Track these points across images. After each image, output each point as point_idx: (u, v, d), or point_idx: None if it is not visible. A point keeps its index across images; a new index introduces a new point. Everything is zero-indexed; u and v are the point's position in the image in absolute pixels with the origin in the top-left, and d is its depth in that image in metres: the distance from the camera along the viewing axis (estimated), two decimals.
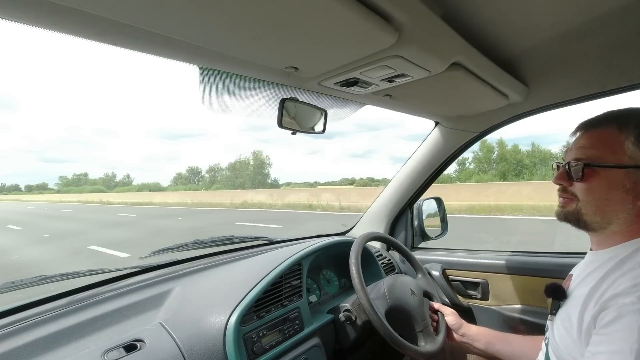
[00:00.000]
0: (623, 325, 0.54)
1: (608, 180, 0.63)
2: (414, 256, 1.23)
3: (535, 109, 1.19)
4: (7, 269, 5.75)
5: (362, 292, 0.97)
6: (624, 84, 1.00)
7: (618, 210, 0.63)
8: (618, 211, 0.63)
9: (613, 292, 0.57)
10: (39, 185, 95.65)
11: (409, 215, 1.66)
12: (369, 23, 0.58)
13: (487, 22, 0.78)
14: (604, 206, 0.64)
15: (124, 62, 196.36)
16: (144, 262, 1.12)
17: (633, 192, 0.61)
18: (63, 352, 0.72)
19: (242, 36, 0.61)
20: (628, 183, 0.61)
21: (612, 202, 0.63)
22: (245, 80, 0.87)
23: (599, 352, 0.56)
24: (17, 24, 0.52)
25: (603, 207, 0.64)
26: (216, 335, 0.83)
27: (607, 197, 0.63)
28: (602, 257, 0.65)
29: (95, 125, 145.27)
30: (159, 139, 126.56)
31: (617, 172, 0.62)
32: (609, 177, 0.62)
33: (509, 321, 1.34)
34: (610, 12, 0.74)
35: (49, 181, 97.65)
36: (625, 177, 0.61)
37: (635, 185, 0.61)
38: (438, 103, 1.17)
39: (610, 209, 0.63)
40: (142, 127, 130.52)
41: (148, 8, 0.51)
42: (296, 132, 0.98)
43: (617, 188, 0.62)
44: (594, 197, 0.65)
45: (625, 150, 0.61)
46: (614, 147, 0.62)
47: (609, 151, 0.62)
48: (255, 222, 10.91)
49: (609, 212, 0.64)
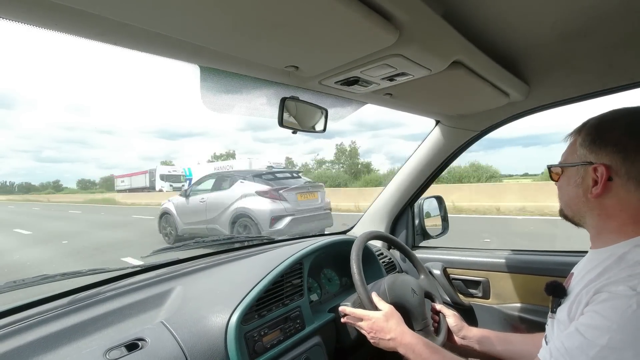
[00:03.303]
0: (610, 305, 0.56)
1: (566, 178, 0.72)
2: (415, 255, 1.23)
3: (536, 108, 1.19)
4: None
5: (362, 288, 0.97)
6: (624, 82, 0.99)
7: (578, 204, 0.70)
8: (578, 205, 0.70)
9: (607, 282, 0.59)
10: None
11: (410, 214, 1.66)
12: (369, 22, 0.58)
13: (487, 20, 0.78)
14: (569, 202, 0.73)
15: (119, 59, 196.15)
16: (146, 261, 1.12)
17: (582, 187, 0.68)
18: (65, 351, 0.72)
19: (243, 36, 0.61)
20: (578, 179, 0.69)
21: (571, 197, 0.71)
22: (245, 79, 0.87)
23: (580, 324, 0.58)
24: (18, 24, 0.52)
25: (569, 203, 0.73)
26: (217, 334, 0.83)
27: (567, 194, 0.72)
28: (601, 256, 0.66)
29: (93, 124, 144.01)
30: (158, 138, 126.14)
31: (570, 170, 0.71)
32: (567, 175, 0.72)
33: (510, 320, 1.34)
34: (612, 10, 0.74)
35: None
36: (576, 174, 0.69)
37: (582, 180, 0.68)
38: (439, 102, 1.16)
39: (574, 204, 0.71)
40: (139, 126, 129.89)
41: (149, 8, 0.51)
42: (297, 131, 0.98)
43: (571, 184, 0.70)
44: (561, 194, 0.75)
45: (576, 150, 0.69)
46: (572, 149, 0.71)
47: (569, 153, 0.72)
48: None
49: (574, 207, 0.71)
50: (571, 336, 0.58)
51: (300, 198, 5.61)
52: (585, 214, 0.70)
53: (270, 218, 5.24)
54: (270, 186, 5.55)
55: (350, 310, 0.99)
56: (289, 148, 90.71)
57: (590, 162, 0.66)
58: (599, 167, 0.64)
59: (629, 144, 0.63)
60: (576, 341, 0.57)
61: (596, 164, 0.65)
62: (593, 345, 0.54)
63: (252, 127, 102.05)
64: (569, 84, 1.06)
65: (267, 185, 5.58)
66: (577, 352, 0.56)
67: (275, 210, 5.29)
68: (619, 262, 0.61)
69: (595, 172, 0.65)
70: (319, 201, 5.91)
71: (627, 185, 0.63)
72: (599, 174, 0.64)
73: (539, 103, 1.17)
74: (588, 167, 0.66)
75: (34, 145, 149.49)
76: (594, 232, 0.70)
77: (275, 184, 5.65)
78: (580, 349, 0.55)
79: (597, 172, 0.65)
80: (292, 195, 5.52)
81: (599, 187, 0.64)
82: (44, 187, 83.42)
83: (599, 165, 0.64)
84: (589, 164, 0.66)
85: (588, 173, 0.66)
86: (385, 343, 0.90)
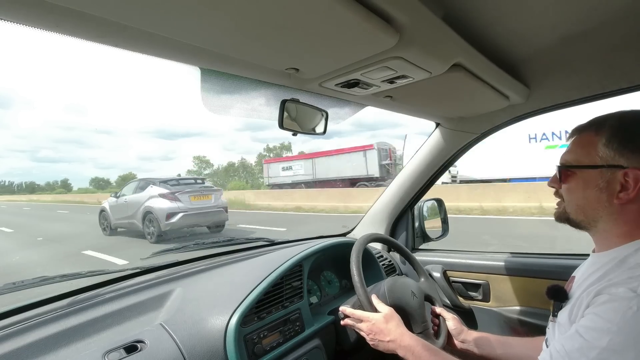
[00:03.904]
0: (610, 307, 0.55)
1: (584, 181, 0.67)
2: (415, 257, 1.23)
3: (536, 110, 1.19)
4: None
5: (361, 290, 0.97)
6: (624, 85, 1.00)
7: (597, 208, 0.66)
8: (597, 209, 0.66)
9: (608, 284, 0.59)
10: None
11: (410, 216, 1.66)
12: (369, 25, 0.58)
13: (488, 23, 0.78)
14: (583, 205, 0.68)
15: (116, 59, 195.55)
16: (145, 263, 1.12)
17: (607, 191, 0.64)
18: (64, 353, 0.72)
19: (244, 38, 0.61)
20: (601, 182, 0.64)
21: (590, 201, 0.66)
22: (246, 81, 0.87)
23: (580, 326, 0.58)
24: (19, 25, 0.52)
25: (583, 206, 0.68)
26: (217, 336, 0.83)
27: (584, 197, 0.67)
28: (603, 259, 0.66)
29: (90, 124, 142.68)
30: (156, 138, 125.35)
31: (590, 172, 0.66)
32: (584, 177, 0.67)
33: (510, 323, 1.33)
34: (611, 13, 0.74)
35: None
36: (598, 177, 0.65)
37: (608, 184, 0.63)
38: (439, 104, 1.17)
39: (590, 208, 0.67)
40: (138, 126, 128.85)
41: (150, 10, 0.51)
42: (297, 133, 0.99)
43: (591, 187, 0.66)
44: (573, 197, 0.69)
45: (598, 151, 0.65)
46: (589, 149, 0.66)
47: (585, 153, 0.67)
48: None
49: (590, 211, 0.67)
50: (571, 338, 0.58)
51: (193, 199, 7.38)
52: (600, 219, 0.66)
53: (166, 214, 6.88)
54: (168, 190, 7.24)
55: (350, 311, 0.98)
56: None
57: (620, 166, 0.62)
58: (632, 172, 0.60)
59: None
60: (576, 343, 0.57)
61: (628, 168, 0.61)
62: (593, 347, 0.54)
63: (251, 128, 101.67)
64: (569, 87, 1.06)
65: (166, 189, 7.26)
66: (577, 354, 0.56)
67: (170, 208, 6.98)
68: (620, 265, 0.61)
69: (625, 177, 0.61)
70: (212, 201, 7.67)
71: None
72: (631, 179, 0.61)
73: (539, 106, 1.17)
74: (616, 171, 0.62)
75: (31, 145, 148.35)
76: (602, 237, 0.68)
77: (175, 189, 7.33)
78: (581, 351, 0.55)
79: (629, 176, 0.61)
80: (185, 197, 7.26)
81: (632, 192, 0.60)
82: (50, 186, 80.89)
83: (632, 170, 0.60)
84: (619, 168, 0.62)
85: (616, 177, 0.62)
86: (385, 345, 0.89)
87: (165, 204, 7.01)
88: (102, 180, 75.32)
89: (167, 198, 7.11)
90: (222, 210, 7.81)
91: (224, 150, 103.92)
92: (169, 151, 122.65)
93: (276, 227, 9.17)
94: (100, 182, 74.07)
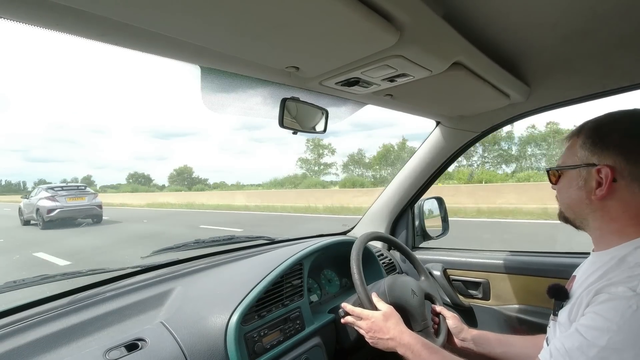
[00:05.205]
0: (610, 306, 0.56)
1: (567, 181, 0.71)
2: (415, 256, 1.23)
3: (537, 109, 1.19)
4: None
5: (361, 288, 0.97)
6: (625, 84, 1.00)
7: (581, 206, 0.69)
8: (581, 207, 0.69)
9: (607, 283, 0.60)
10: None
11: (410, 215, 1.66)
12: (370, 23, 0.58)
13: (488, 22, 0.78)
14: (570, 204, 0.72)
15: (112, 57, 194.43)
16: (145, 261, 1.12)
17: (585, 189, 0.67)
18: (65, 351, 0.72)
19: (244, 36, 0.61)
20: (580, 181, 0.68)
21: (573, 199, 0.71)
22: (246, 80, 0.87)
23: (580, 325, 0.58)
24: (20, 24, 0.52)
25: (570, 205, 0.72)
26: (217, 334, 0.83)
27: (569, 196, 0.71)
28: (603, 258, 0.66)
29: (83, 123, 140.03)
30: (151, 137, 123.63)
31: (571, 172, 0.70)
32: (568, 177, 0.71)
33: (510, 321, 1.34)
34: (612, 12, 0.74)
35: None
36: (577, 176, 0.69)
37: (585, 183, 0.67)
38: (439, 103, 1.16)
39: (575, 206, 0.71)
40: (132, 125, 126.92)
41: (151, 9, 0.51)
42: (297, 132, 0.98)
43: (573, 187, 0.70)
44: (562, 197, 0.74)
45: (577, 153, 0.69)
46: (572, 152, 0.71)
47: (569, 155, 0.71)
48: None
49: (576, 209, 0.71)
50: (571, 337, 0.58)
51: (68, 200, 10.39)
52: (588, 216, 0.69)
53: (47, 210, 9.86)
54: (50, 193, 10.32)
55: (350, 308, 0.98)
56: (283, 147, 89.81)
57: (593, 164, 0.65)
58: (603, 169, 0.64)
59: (631, 146, 0.63)
60: (576, 342, 0.57)
61: (599, 165, 0.64)
62: (593, 345, 0.54)
63: (247, 127, 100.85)
64: (570, 86, 1.06)
65: (49, 193, 10.34)
66: (577, 352, 0.56)
67: (50, 206, 9.95)
68: (620, 264, 0.61)
69: (599, 174, 0.64)
70: (85, 201, 10.76)
71: (631, 187, 0.63)
72: (603, 175, 0.64)
73: (540, 104, 1.17)
74: (591, 169, 0.66)
75: (22, 145, 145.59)
76: (597, 235, 0.70)
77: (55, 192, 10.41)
78: (580, 349, 0.56)
79: (601, 173, 0.64)
80: (62, 198, 10.29)
81: (604, 188, 0.64)
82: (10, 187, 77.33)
83: (602, 166, 0.64)
84: (592, 166, 0.65)
85: (591, 175, 0.66)
86: (384, 343, 0.90)
87: (47, 203, 10.05)
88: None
89: (49, 199, 10.17)
90: (94, 207, 10.88)
91: (220, 150, 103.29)
92: (167, 150, 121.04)
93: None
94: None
